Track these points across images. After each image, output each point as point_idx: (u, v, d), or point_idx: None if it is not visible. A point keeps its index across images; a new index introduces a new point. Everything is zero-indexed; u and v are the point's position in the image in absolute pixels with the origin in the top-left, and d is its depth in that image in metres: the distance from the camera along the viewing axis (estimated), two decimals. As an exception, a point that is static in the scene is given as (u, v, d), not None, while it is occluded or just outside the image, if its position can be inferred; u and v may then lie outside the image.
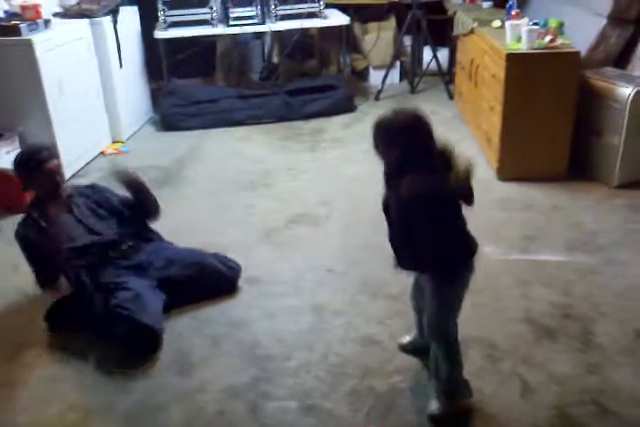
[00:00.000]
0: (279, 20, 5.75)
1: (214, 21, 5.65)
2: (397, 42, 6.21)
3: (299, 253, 3.49)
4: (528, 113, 4.02)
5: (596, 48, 4.45)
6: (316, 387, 2.51)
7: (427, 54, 6.32)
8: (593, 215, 3.75)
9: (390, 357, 2.65)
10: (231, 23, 5.65)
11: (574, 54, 3.96)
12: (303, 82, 6.04)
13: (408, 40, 6.30)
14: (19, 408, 2.49)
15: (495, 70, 4.19)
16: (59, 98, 4.33)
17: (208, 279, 3.08)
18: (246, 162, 4.77)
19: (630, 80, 3.93)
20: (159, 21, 5.62)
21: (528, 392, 2.44)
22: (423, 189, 2.04)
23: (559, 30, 4.09)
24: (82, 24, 4.73)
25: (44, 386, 2.60)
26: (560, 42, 4.00)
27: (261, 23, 5.71)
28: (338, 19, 5.90)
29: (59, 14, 4.84)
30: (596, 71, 4.17)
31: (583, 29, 4.46)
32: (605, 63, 4.39)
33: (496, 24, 4.68)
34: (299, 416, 2.37)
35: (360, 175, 4.35)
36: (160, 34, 5.52)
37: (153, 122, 5.75)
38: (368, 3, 6.43)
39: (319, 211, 3.96)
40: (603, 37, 4.44)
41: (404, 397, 2.44)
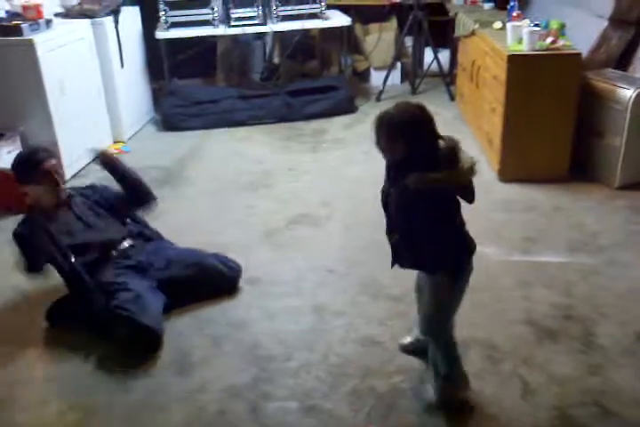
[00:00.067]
0: (280, 21, 5.75)
1: (215, 22, 5.65)
2: (398, 43, 6.21)
3: (299, 254, 3.48)
4: (529, 114, 4.02)
5: (597, 50, 4.45)
6: (317, 387, 2.50)
7: (428, 55, 6.32)
8: (594, 216, 3.74)
9: (391, 357, 2.64)
10: (232, 24, 5.65)
11: (575, 56, 3.96)
12: (304, 82, 6.05)
13: (409, 41, 6.31)
14: (19, 407, 2.48)
15: (496, 72, 4.19)
16: (60, 98, 4.33)
17: (208, 280, 3.08)
18: (247, 162, 4.77)
19: (631, 82, 3.93)
20: (160, 22, 5.62)
21: (529, 393, 2.43)
22: (429, 185, 2.03)
23: (560, 32, 4.10)
24: (83, 24, 4.73)
25: (44, 385, 2.60)
26: (561, 43, 4.00)
27: (263, 24, 5.72)
28: (339, 20, 5.91)
29: (60, 14, 4.85)
30: (598, 73, 4.17)
31: (584, 31, 4.46)
32: (607, 65, 4.39)
33: (497, 25, 4.68)
34: (299, 417, 2.37)
35: (361, 176, 4.35)
36: (161, 34, 5.53)
37: (154, 122, 5.75)
38: (369, 4, 6.45)
39: (320, 211, 3.95)
40: (604, 39, 4.44)
41: (404, 397, 2.43)
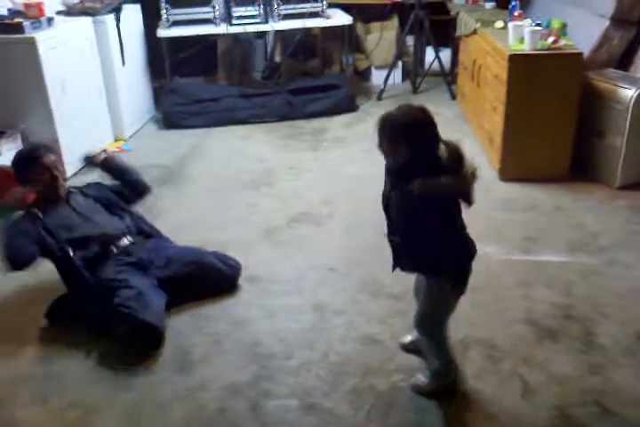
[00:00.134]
0: (282, 20, 5.74)
1: (217, 20, 5.65)
2: (400, 42, 6.20)
3: (300, 252, 3.48)
4: (530, 114, 4.02)
5: (598, 49, 4.45)
6: (317, 386, 2.50)
7: (429, 54, 6.31)
8: (595, 216, 3.74)
9: (391, 356, 2.65)
10: (234, 22, 5.65)
11: (577, 55, 3.95)
12: (305, 81, 6.04)
13: (410, 40, 6.30)
14: (19, 404, 2.49)
15: (498, 71, 4.19)
16: (61, 96, 4.33)
17: (207, 278, 3.08)
18: (248, 161, 4.77)
19: (633, 82, 3.93)
20: (162, 20, 5.62)
21: (529, 393, 2.43)
22: (433, 190, 2.03)
23: (562, 31, 4.09)
24: (85, 22, 4.73)
25: (44, 383, 2.60)
26: (563, 43, 4.00)
27: (264, 22, 5.71)
28: (340, 18, 5.90)
29: (62, 12, 4.84)
30: (599, 72, 4.17)
31: (586, 31, 4.46)
32: (608, 64, 4.39)
33: (499, 25, 4.67)
34: (299, 415, 2.37)
35: (361, 175, 4.35)
36: (162, 32, 5.52)
37: (155, 120, 5.75)
38: (371, 3, 6.43)
39: (321, 210, 3.95)
40: (605, 39, 4.44)
41: (404, 395, 2.43)
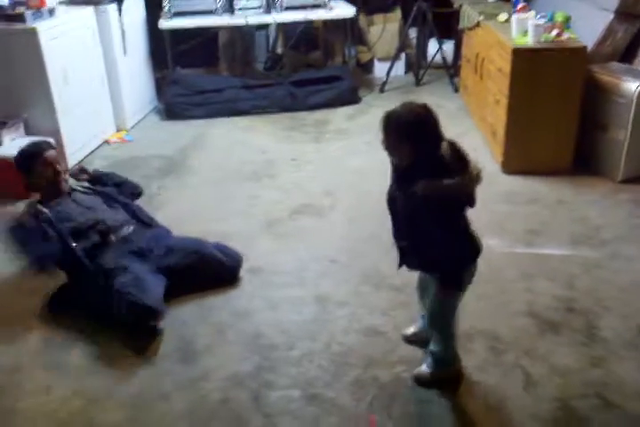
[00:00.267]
0: (284, 11, 5.72)
1: (219, 11, 5.63)
2: (403, 34, 6.18)
3: (302, 244, 3.48)
4: (534, 107, 4.01)
5: (602, 43, 4.43)
6: (320, 376, 2.51)
7: (432, 47, 6.29)
8: (598, 210, 3.74)
9: (394, 347, 2.65)
10: (236, 13, 5.62)
11: (581, 49, 3.94)
12: (308, 73, 6.03)
13: (413, 32, 6.27)
14: (22, 394, 2.49)
15: (501, 64, 4.18)
16: (63, 86, 4.32)
17: (208, 269, 3.08)
18: (250, 152, 4.76)
19: (636, 75, 3.91)
20: (164, 10, 5.60)
21: (531, 385, 2.44)
22: (437, 192, 2.03)
23: (566, 24, 4.08)
24: (87, 12, 4.70)
25: (47, 372, 2.60)
26: (566, 36, 3.99)
27: (266, 14, 5.69)
28: (343, 10, 5.87)
29: (64, 2, 4.82)
30: (602, 66, 4.16)
31: (590, 24, 4.44)
32: (612, 58, 4.38)
33: (502, 18, 4.66)
34: (302, 405, 2.38)
35: (364, 167, 4.35)
36: (165, 23, 5.49)
37: (157, 111, 5.73)
38: (374, -6, 6.41)
39: (323, 202, 3.95)
40: (609, 32, 4.42)
41: (407, 387, 2.44)
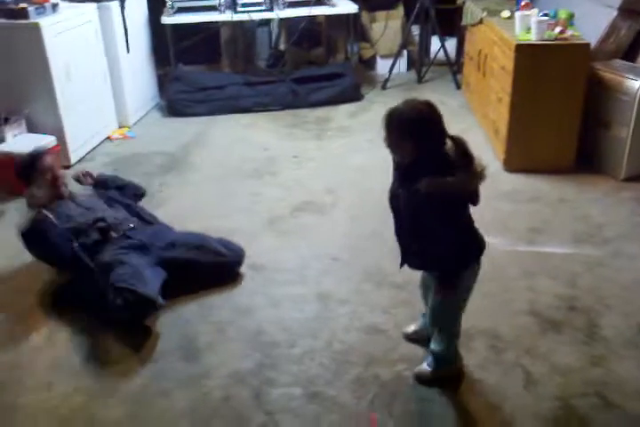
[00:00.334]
0: (287, 7, 5.71)
1: (222, 8, 5.62)
2: (405, 31, 6.17)
3: (303, 242, 3.48)
4: (536, 104, 4.00)
5: (606, 40, 4.43)
6: (321, 374, 2.51)
7: (434, 44, 6.29)
8: (600, 208, 3.74)
9: (395, 345, 2.65)
10: (239, 10, 5.61)
11: (584, 46, 3.93)
12: (310, 70, 6.03)
13: (416, 29, 6.27)
14: (23, 390, 2.49)
15: (504, 61, 4.17)
16: (66, 82, 4.31)
17: (209, 263, 3.07)
18: (252, 149, 4.76)
19: (640, 73, 3.92)
20: (166, 7, 5.59)
21: (531, 383, 2.44)
22: (440, 189, 2.02)
23: (569, 21, 4.06)
24: (90, 8, 4.70)
25: (48, 369, 2.60)
26: (570, 33, 3.97)
27: (269, 10, 5.68)
28: (346, 7, 5.87)
29: (66, -2, 4.82)
30: (606, 63, 4.15)
31: (593, 21, 4.43)
32: (615, 55, 4.36)
33: (505, 14, 4.65)
34: (303, 403, 2.38)
35: (365, 164, 4.34)
36: (167, 19, 5.49)
37: (159, 108, 5.73)
38: (376, -9, 6.40)
39: (324, 199, 3.95)
40: (613, 29, 4.41)
41: (408, 385, 2.44)
